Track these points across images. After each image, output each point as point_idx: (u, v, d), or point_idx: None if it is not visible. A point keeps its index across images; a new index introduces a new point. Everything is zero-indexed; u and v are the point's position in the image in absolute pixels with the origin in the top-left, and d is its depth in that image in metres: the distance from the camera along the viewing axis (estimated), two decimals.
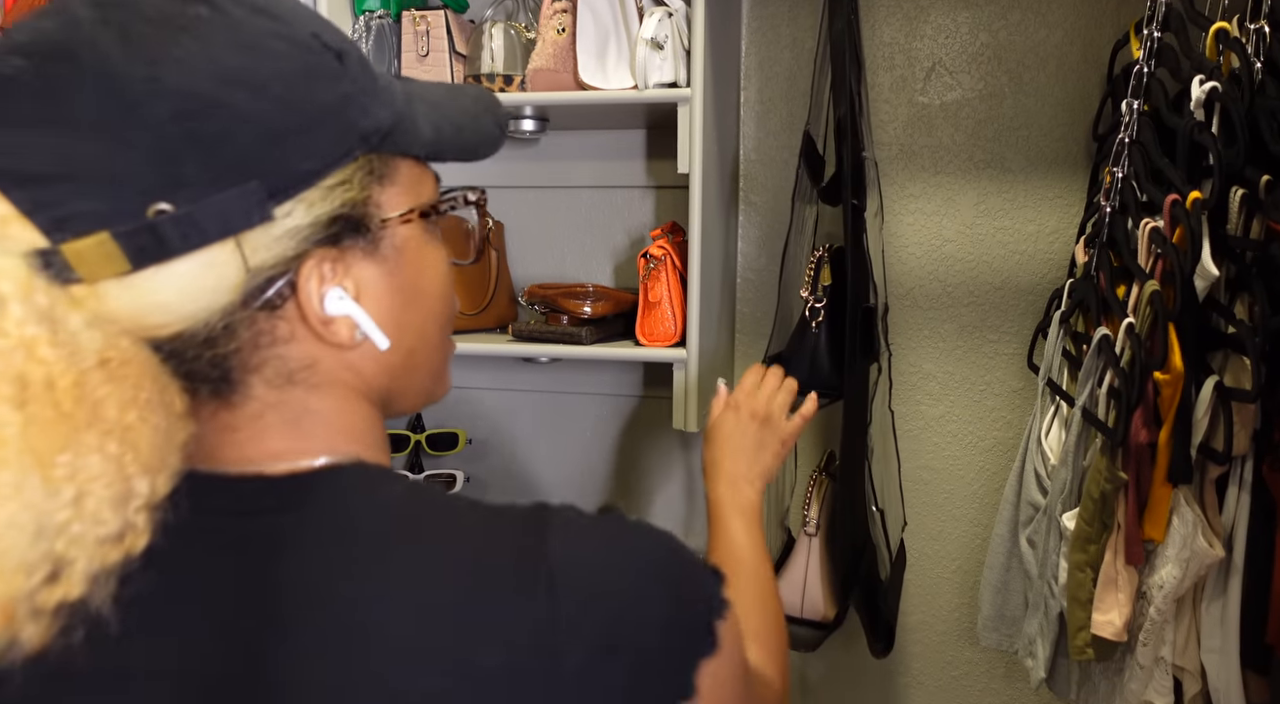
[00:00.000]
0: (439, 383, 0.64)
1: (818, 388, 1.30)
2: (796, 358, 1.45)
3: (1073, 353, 1.31)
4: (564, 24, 1.44)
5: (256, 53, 0.46)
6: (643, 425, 1.83)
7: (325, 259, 0.49)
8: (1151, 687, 1.18)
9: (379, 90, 0.51)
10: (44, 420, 0.39)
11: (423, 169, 0.57)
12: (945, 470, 1.70)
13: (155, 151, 0.42)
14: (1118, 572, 1.16)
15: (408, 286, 0.55)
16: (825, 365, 1.43)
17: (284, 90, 0.46)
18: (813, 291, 1.42)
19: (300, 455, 0.51)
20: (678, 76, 1.40)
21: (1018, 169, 1.61)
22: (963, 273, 1.65)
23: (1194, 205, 1.08)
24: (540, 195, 1.82)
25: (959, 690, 1.75)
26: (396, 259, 0.54)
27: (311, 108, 0.47)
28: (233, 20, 0.46)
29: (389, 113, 0.51)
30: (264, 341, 0.49)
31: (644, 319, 1.50)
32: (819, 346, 1.43)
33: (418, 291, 0.56)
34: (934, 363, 1.68)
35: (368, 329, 0.51)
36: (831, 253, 1.44)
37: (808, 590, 1.47)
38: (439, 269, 0.58)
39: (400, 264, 0.54)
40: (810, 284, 1.42)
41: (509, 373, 1.87)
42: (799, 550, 1.49)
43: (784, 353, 1.50)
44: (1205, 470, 1.14)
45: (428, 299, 0.57)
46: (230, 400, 0.50)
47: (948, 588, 1.73)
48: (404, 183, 0.54)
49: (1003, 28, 1.59)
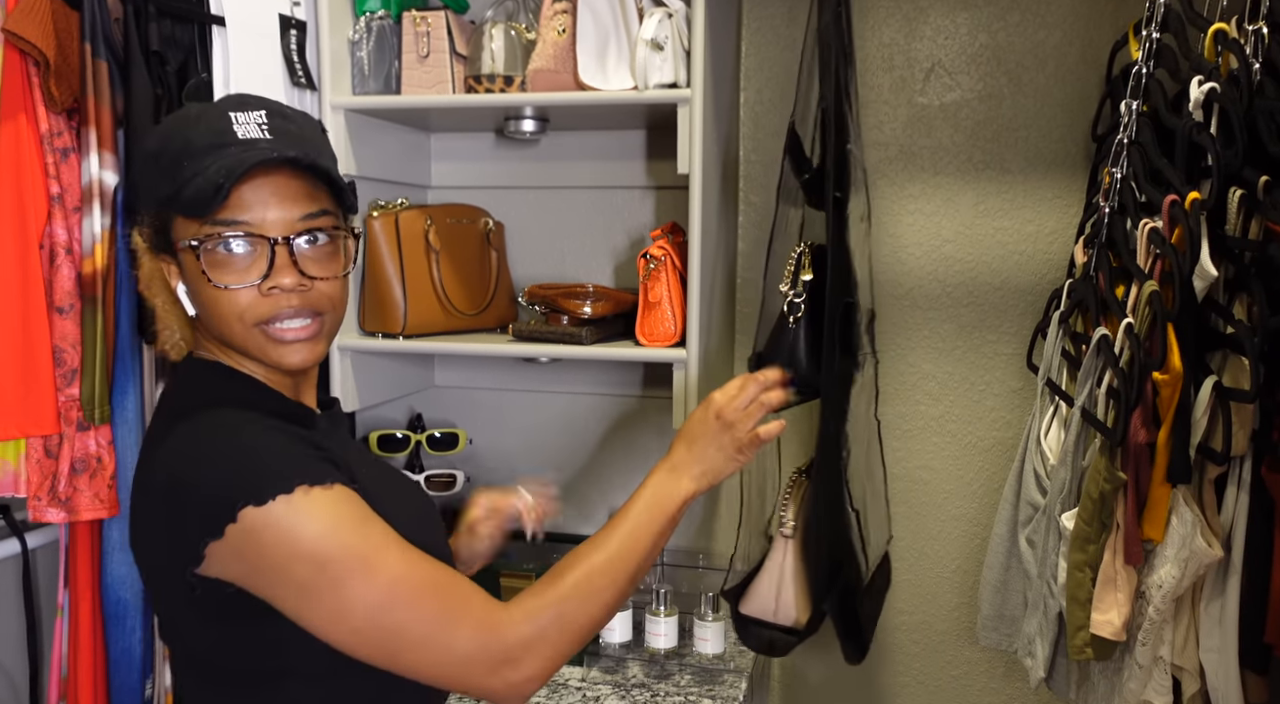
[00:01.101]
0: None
1: (795, 384, 1.28)
2: (775, 354, 1.41)
3: (1072, 353, 1.32)
4: (564, 25, 1.44)
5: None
6: (643, 425, 1.83)
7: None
8: (1150, 686, 1.18)
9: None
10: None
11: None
12: (945, 470, 1.71)
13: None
14: (1117, 571, 1.16)
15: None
16: (804, 361, 1.40)
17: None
18: (793, 286, 1.40)
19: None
20: (678, 77, 1.40)
21: (1017, 170, 1.61)
22: (962, 273, 1.66)
23: (1193, 206, 1.08)
24: (540, 195, 1.82)
25: (959, 690, 1.75)
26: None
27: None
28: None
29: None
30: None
31: (644, 319, 1.50)
32: (798, 342, 1.40)
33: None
34: (933, 363, 1.68)
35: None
36: (813, 248, 1.42)
37: (781, 594, 1.44)
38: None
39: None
40: (790, 279, 1.39)
41: (509, 373, 1.87)
42: (774, 552, 1.46)
43: (764, 350, 1.46)
44: (1204, 470, 1.14)
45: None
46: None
47: (947, 588, 1.73)
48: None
49: (1002, 29, 1.59)
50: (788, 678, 1.83)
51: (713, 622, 1.60)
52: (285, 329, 0.87)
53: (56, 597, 1.38)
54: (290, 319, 0.87)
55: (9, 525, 1.39)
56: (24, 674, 1.44)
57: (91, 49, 1.24)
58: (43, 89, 1.23)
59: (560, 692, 1.55)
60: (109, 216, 1.27)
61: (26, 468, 1.27)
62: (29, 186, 1.23)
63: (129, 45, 1.29)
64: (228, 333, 0.88)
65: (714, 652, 1.61)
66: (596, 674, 1.61)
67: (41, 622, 1.47)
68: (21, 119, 1.22)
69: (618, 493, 1.84)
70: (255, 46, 1.40)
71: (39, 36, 1.19)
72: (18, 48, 1.20)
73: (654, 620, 1.62)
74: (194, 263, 0.85)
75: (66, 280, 1.26)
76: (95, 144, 1.26)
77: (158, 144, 0.86)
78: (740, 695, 1.53)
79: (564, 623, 0.87)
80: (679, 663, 1.64)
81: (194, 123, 0.86)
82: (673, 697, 1.53)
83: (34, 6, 1.19)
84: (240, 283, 0.85)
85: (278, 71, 1.44)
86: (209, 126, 0.85)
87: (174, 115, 0.91)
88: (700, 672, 1.62)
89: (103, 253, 1.26)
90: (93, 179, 1.26)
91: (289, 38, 1.45)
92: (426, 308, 1.58)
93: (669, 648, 1.64)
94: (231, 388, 0.90)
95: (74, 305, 1.26)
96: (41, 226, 1.24)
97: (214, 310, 0.87)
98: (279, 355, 0.88)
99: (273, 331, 0.87)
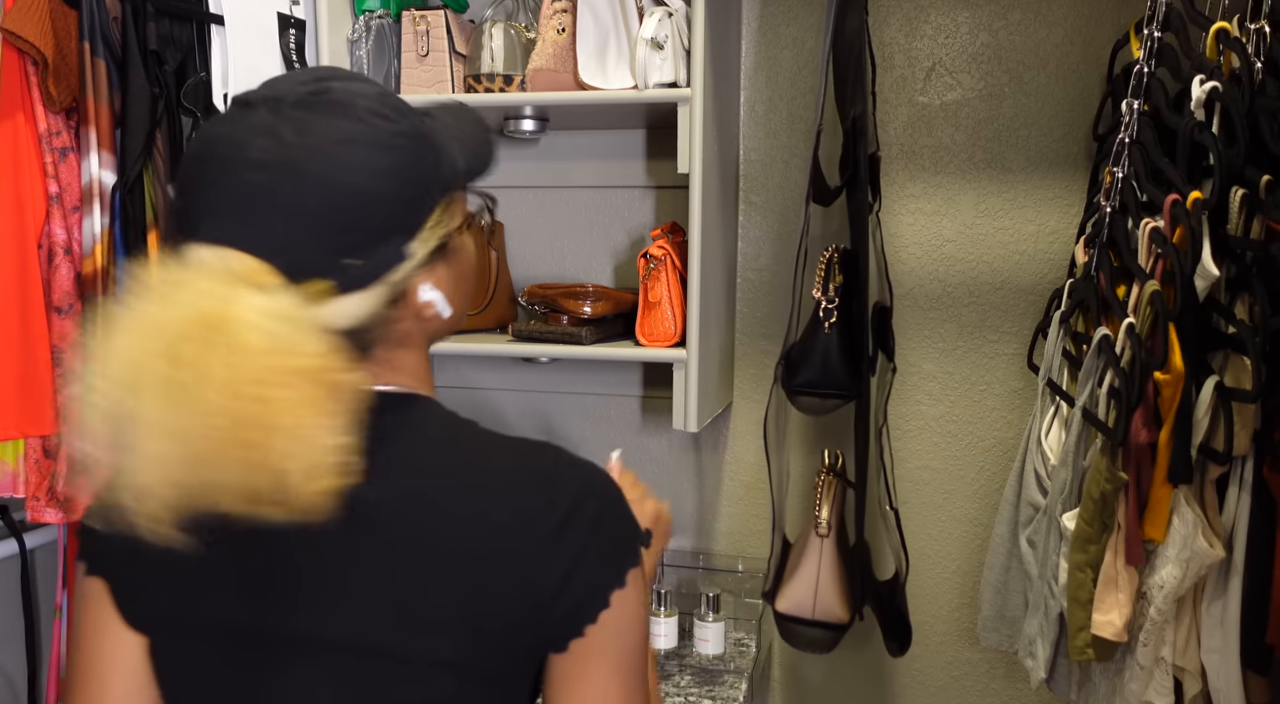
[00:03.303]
0: (462, 321, 0.85)
1: (829, 387, 1.30)
2: (808, 358, 1.44)
3: (1073, 353, 1.31)
4: (564, 24, 1.43)
5: (392, 151, 0.69)
6: (643, 425, 1.83)
7: (429, 271, 0.73)
8: (1152, 687, 1.18)
9: (446, 147, 0.74)
10: (324, 390, 0.63)
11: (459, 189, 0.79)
12: (945, 470, 1.70)
13: (345, 228, 0.68)
14: (1118, 572, 1.15)
15: (461, 274, 0.79)
16: (837, 365, 1.43)
17: (410, 173, 0.70)
18: (824, 292, 1.42)
19: (394, 385, 0.76)
20: (678, 76, 1.40)
21: (1018, 169, 1.61)
22: (963, 273, 1.65)
23: (1194, 205, 1.08)
24: (540, 195, 1.82)
25: (959, 690, 1.75)
26: (455, 257, 0.77)
27: (424, 180, 0.71)
28: (373, 129, 0.68)
29: (450, 165, 0.74)
30: (388, 323, 0.73)
31: (644, 319, 1.49)
32: (831, 347, 1.43)
33: (464, 275, 0.80)
34: (934, 363, 1.68)
35: (441, 307, 0.76)
36: (841, 254, 1.44)
37: (820, 592, 1.46)
38: (473, 255, 0.82)
39: (458, 260, 0.78)
40: (822, 285, 1.42)
41: (509, 373, 1.87)
42: (810, 552, 1.48)
43: (793, 353, 1.49)
44: (1205, 470, 1.14)
45: (469, 278, 0.81)
46: (366, 356, 0.73)
47: (948, 588, 1.73)
48: (457, 204, 0.77)
49: (1003, 28, 1.59)
50: (788, 678, 1.82)
51: (713, 622, 1.60)
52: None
53: (55, 597, 1.37)
54: None
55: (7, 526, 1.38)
56: (22, 675, 1.44)
57: (90, 48, 1.24)
58: (41, 88, 1.23)
59: None
60: (108, 216, 1.27)
61: (25, 468, 1.26)
62: (27, 186, 1.22)
63: (127, 44, 1.29)
64: (468, 301, 0.83)
65: (714, 652, 1.61)
66: None
67: (40, 622, 1.47)
68: (20, 118, 1.22)
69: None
70: (254, 45, 1.40)
71: (37, 36, 1.18)
72: (16, 47, 1.20)
73: (654, 621, 1.61)
74: (478, 235, 0.83)
75: (65, 280, 1.26)
76: (94, 143, 1.25)
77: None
78: (740, 696, 1.53)
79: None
80: (679, 663, 1.64)
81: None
82: (673, 697, 1.53)
83: (32, 5, 1.19)
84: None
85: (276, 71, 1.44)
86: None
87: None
88: (700, 672, 1.61)
89: (102, 252, 1.26)
90: (92, 178, 1.25)
91: (288, 37, 1.45)
92: None
93: (669, 648, 1.63)
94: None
95: (73, 305, 1.26)
96: (40, 226, 1.24)
97: (474, 277, 0.82)
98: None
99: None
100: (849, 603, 1.46)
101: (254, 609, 0.72)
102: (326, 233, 0.67)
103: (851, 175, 1.40)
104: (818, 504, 1.49)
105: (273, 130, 0.67)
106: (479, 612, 0.69)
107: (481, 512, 0.70)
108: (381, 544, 0.70)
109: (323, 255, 0.67)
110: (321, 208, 0.67)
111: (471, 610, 0.69)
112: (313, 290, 0.66)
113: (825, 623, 1.47)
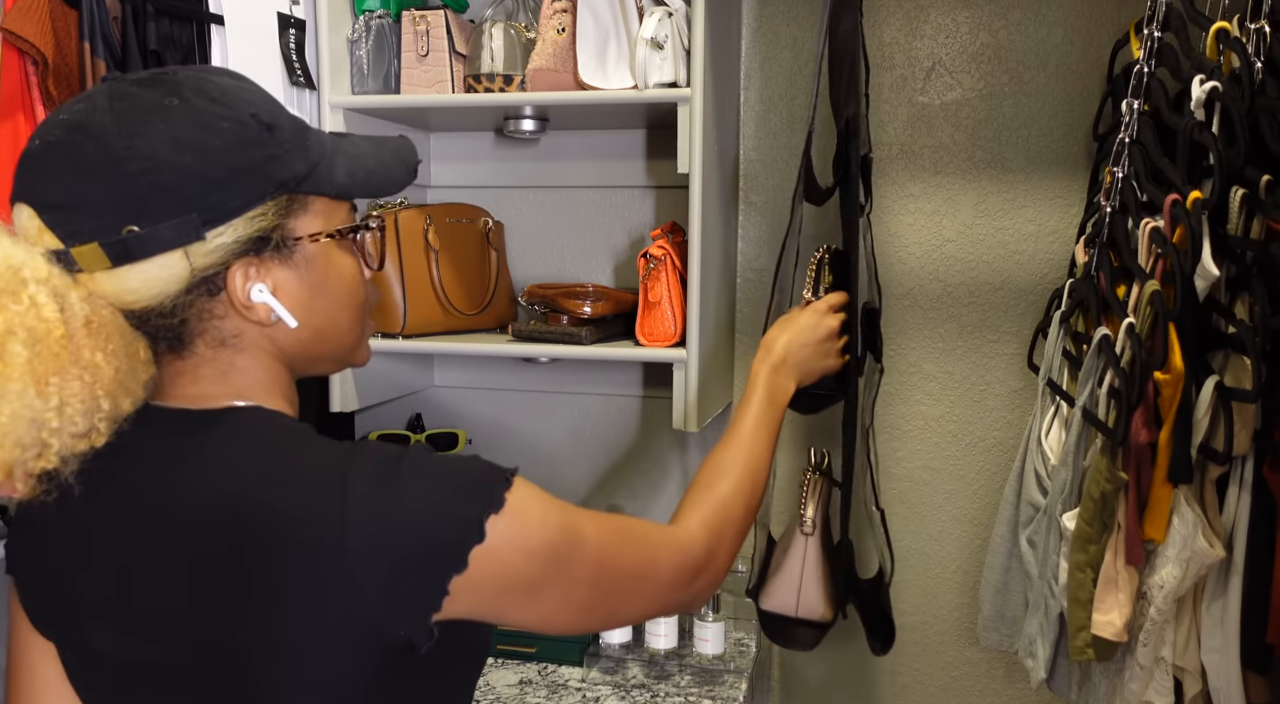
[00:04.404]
0: (353, 353, 0.84)
1: (819, 389, 1.30)
2: None
3: (1073, 353, 1.31)
4: (564, 24, 1.43)
5: (207, 131, 0.68)
6: (643, 425, 1.83)
7: (249, 264, 0.72)
8: (1152, 687, 1.18)
9: (305, 147, 0.74)
10: (44, 356, 0.63)
11: (336, 203, 0.78)
12: (945, 470, 1.70)
13: (130, 192, 0.67)
14: (1118, 572, 1.15)
15: (316, 285, 0.76)
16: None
17: (222, 155, 0.69)
18: (814, 293, 1.42)
19: (220, 398, 0.74)
20: (678, 76, 1.40)
21: (1018, 169, 1.61)
22: (963, 273, 1.65)
23: (1194, 205, 1.08)
24: (540, 195, 1.82)
25: (959, 690, 1.75)
26: (307, 266, 0.75)
27: (240, 166, 0.69)
28: (194, 108, 0.69)
29: (304, 165, 0.73)
30: (205, 316, 0.72)
31: (644, 319, 1.49)
32: None
33: (324, 288, 0.77)
34: (934, 363, 1.68)
35: (280, 313, 0.74)
36: (832, 254, 1.44)
37: (804, 590, 1.46)
38: (347, 273, 0.79)
39: (310, 269, 0.76)
40: (812, 285, 1.42)
41: (509, 373, 1.87)
42: (794, 550, 1.49)
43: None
44: (1205, 470, 1.13)
45: (334, 294, 0.78)
46: (181, 354, 0.74)
47: (948, 588, 1.73)
48: (316, 213, 0.76)
49: (1003, 27, 1.59)
50: (788, 678, 1.82)
51: (713, 622, 1.60)
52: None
53: None
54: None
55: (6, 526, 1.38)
56: None
57: (90, 48, 1.24)
58: (41, 88, 1.23)
59: (560, 692, 1.54)
60: None
61: None
62: None
63: (127, 44, 1.29)
64: (342, 328, 0.80)
65: (714, 652, 1.61)
66: (596, 675, 1.61)
67: None
68: (20, 118, 1.22)
69: (618, 492, 1.84)
70: (254, 45, 1.40)
71: (37, 36, 1.18)
72: (16, 47, 1.20)
73: (654, 621, 1.61)
74: (349, 247, 0.80)
75: None
76: None
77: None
78: (740, 696, 1.53)
79: (734, 524, 0.95)
80: (679, 663, 1.64)
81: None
82: (673, 697, 1.53)
83: (32, 5, 1.18)
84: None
85: (276, 71, 1.44)
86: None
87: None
88: (700, 672, 1.61)
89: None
90: None
91: (288, 36, 1.45)
92: (426, 308, 1.58)
93: (669, 648, 1.63)
94: (305, 427, 0.76)
95: None
96: None
97: (348, 302, 0.80)
98: (367, 352, 0.85)
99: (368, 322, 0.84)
100: (832, 601, 1.46)
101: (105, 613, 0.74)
102: (111, 194, 0.66)
103: (844, 176, 1.40)
104: (803, 502, 1.49)
105: (92, 98, 0.69)
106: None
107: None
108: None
109: (102, 218, 0.66)
110: (108, 168, 0.66)
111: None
112: (84, 253, 0.66)
113: (809, 621, 1.47)
